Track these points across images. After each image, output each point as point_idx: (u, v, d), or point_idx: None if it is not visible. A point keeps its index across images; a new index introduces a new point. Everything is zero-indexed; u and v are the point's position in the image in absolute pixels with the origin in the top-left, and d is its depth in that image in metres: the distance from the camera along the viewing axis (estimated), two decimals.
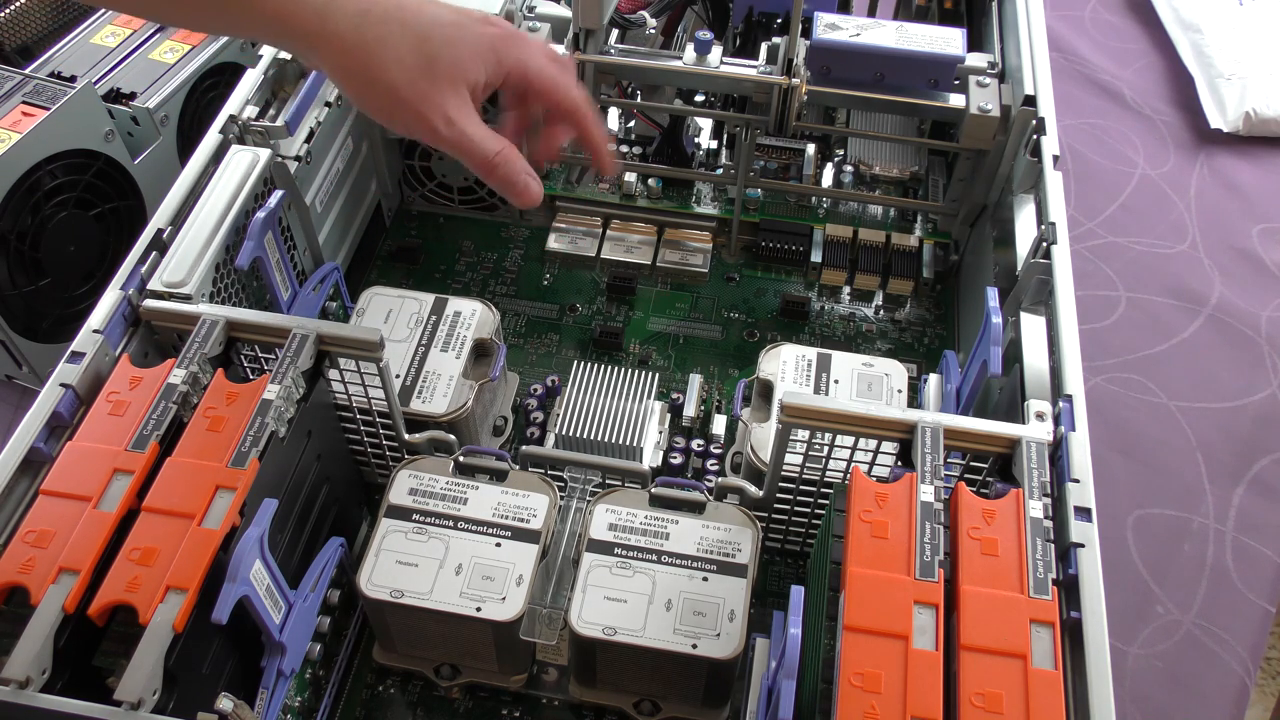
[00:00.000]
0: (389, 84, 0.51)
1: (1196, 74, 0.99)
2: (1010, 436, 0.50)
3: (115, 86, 0.76)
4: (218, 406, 0.49)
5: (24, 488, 0.49)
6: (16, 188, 0.65)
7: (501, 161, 0.54)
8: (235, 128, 0.64)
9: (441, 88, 0.52)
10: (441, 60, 0.52)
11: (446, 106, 0.52)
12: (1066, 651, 0.44)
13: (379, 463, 0.63)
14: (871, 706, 0.41)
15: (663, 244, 0.79)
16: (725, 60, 0.69)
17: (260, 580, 0.46)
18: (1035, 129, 0.64)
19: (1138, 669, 0.64)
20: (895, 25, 0.68)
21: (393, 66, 0.51)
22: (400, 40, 0.51)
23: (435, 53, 0.52)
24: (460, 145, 0.53)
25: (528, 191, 0.56)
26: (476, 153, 0.54)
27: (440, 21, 0.53)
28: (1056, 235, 0.58)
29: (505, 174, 0.55)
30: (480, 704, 0.58)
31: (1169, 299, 0.83)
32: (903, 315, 0.77)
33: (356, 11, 0.51)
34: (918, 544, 0.45)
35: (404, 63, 0.51)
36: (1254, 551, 0.69)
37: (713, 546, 0.53)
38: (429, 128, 0.52)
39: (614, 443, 0.63)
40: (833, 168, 0.82)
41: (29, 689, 0.41)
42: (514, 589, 0.52)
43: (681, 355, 0.74)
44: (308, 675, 0.54)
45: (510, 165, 0.55)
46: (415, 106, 0.52)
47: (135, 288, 0.55)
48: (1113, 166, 0.93)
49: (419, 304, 0.66)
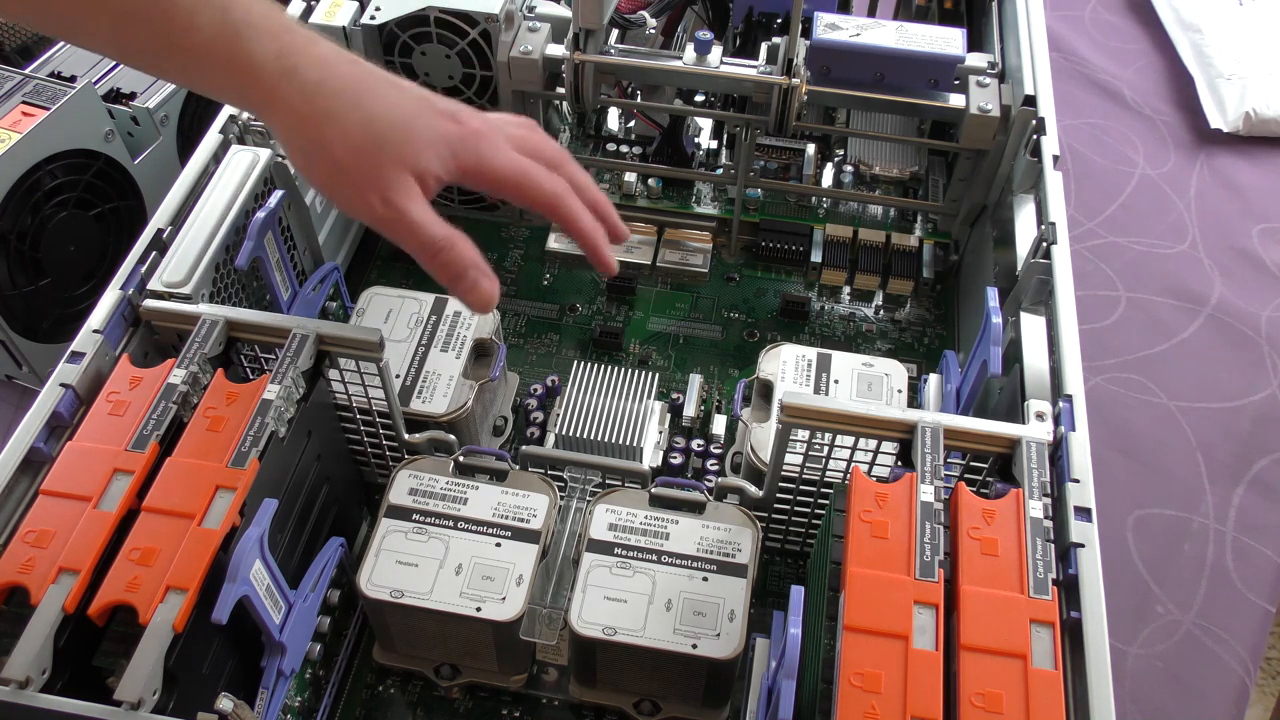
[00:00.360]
0: (331, 158, 0.49)
1: (1196, 74, 0.99)
2: (1010, 436, 0.50)
3: (115, 86, 0.76)
4: (218, 406, 0.49)
5: (24, 488, 0.49)
6: (16, 188, 0.65)
7: (446, 248, 0.50)
8: (235, 127, 0.64)
9: (383, 168, 0.49)
10: (389, 142, 0.49)
11: (387, 187, 0.49)
12: (1066, 651, 0.44)
13: (379, 463, 0.63)
14: (871, 706, 0.41)
15: (663, 244, 0.79)
16: (725, 60, 0.69)
17: (260, 580, 0.46)
18: (1035, 129, 0.64)
19: (1138, 669, 0.64)
20: (895, 25, 0.68)
21: (337, 141, 0.48)
22: (350, 115, 0.49)
23: (383, 134, 0.49)
24: (398, 226, 0.49)
25: (476, 288, 0.50)
26: (417, 237, 0.49)
27: (396, 106, 0.50)
28: (1056, 235, 0.58)
29: (449, 262, 0.50)
30: (480, 704, 0.58)
31: (1169, 299, 0.83)
32: (903, 315, 0.77)
33: (314, 82, 0.48)
34: (918, 544, 0.45)
35: (349, 138, 0.48)
36: (1254, 551, 0.69)
37: (713, 546, 0.53)
38: (365, 204, 0.49)
39: (614, 443, 0.63)
40: (833, 168, 0.82)
41: (29, 689, 0.41)
42: (514, 589, 0.52)
43: (681, 355, 0.74)
44: (308, 675, 0.54)
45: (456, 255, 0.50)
46: (354, 182, 0.49)
47: (135, 288, 0.55)
48: (1113, 166, 0.93)
49: (419, 304, 0.66)
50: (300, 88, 0.48)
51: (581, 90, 0.69)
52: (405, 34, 0.70)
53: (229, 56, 0.48)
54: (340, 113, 0.49)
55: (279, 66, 0.48)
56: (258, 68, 0.48)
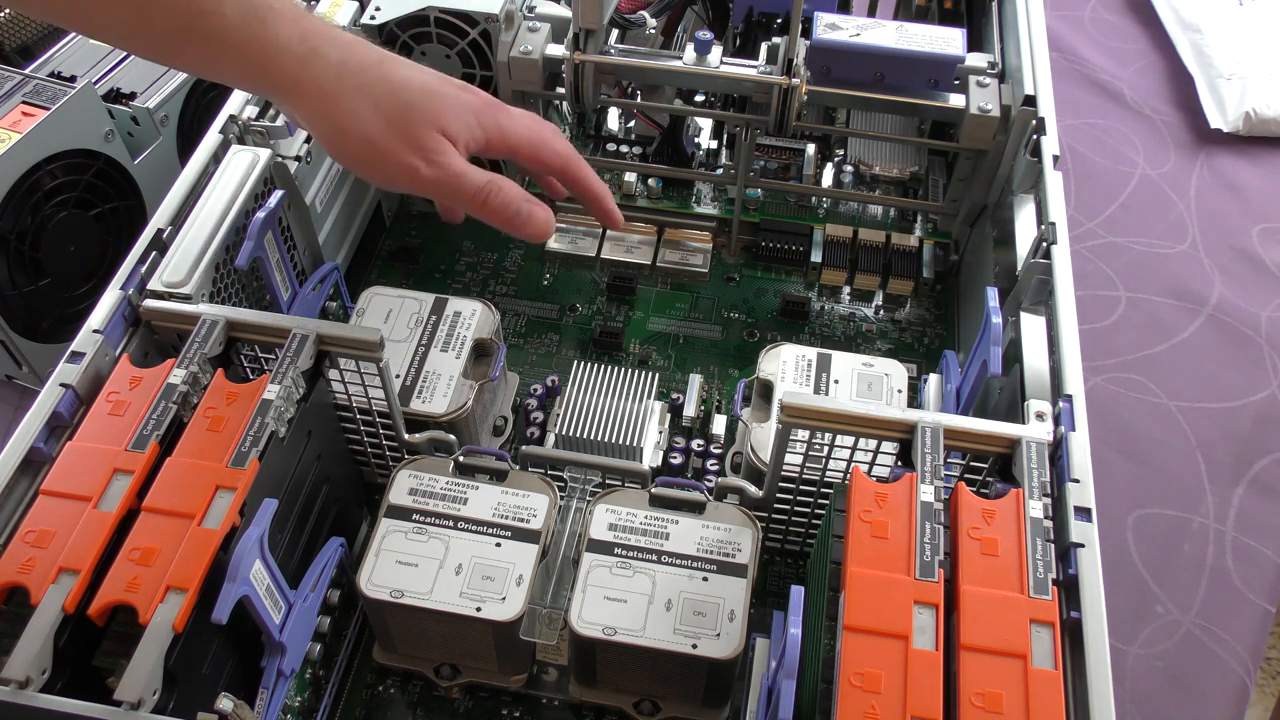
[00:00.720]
0: (364, 132, 0.50)
1: (1196, 74, 0.99)
2: (1010, 436, 0.50)
3: (115, 86, 0.76)
4: (218, 406, 0.49)
5: (24, 488, 0.49)
6: (16, 188, 0.65)
7: (494, 191, 0.52)
8: (235, 127, 0.64)
9: (418, 130, 0.51)
10: (418, 106, 0.51)
11: (426, 148, 0.51)
12: (1066, 651, 0.44)
13: (379, 463, 0.63)
14: (871, 706, 0.41)
15: (663, 244, 0.79)
16: (725, 60, 0.69)
17: (260, 580, 0.46)
18: (1035, 129, 0.64)
19: (1138, 669, 0.64)
20: (895, 25, 0.68)
21: (369, 112, 0.50)
22: (378, 86, 0.50)
23: (413, 99, 0.51)
24: (444, 182, 0.51)
25: (531, 219, 0.54)
26: (465, 187, 0.52)
27: (419, 75, 0.52)
28: (1056, 235, 0.58)
29: (500, 202, 0.53)
30: (480, 704, 0.58)
31: (1169, 299, 0.83)
32: (903, 315, 0.77)
33: (337, 61, 0.50)
34: (918, 544, 0.45)
35: (380, 107, 0.50)
36: (1254, 551, 0.69)
37: (713, 546, 0.53)
38: (409, 170, 0.51)
39: (614, 443, 0.63)
40: (833, 168, 0.82)
41: (29, 689, 0.41)
42: (514, 589, 0.52)
43: (681, 355, 0.74)
44: (308, 675, 0.54)
45: (505, 196, 0.53)
46: (393, 149, 0.50)
47: (135, 288, 0.55)
48: (1113, 166, 0.93)
49: (419, 304, 0.66)
50: (325, 67, 0.49)
51: (581, 90, 0.69)
52: (405, 34, 0.70)
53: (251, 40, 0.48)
54: (369, 85, 0.50)
55: (303, 49, 0.49)
56: (281, 51, 0.48)
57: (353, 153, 0.51)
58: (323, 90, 0.50)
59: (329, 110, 0.50)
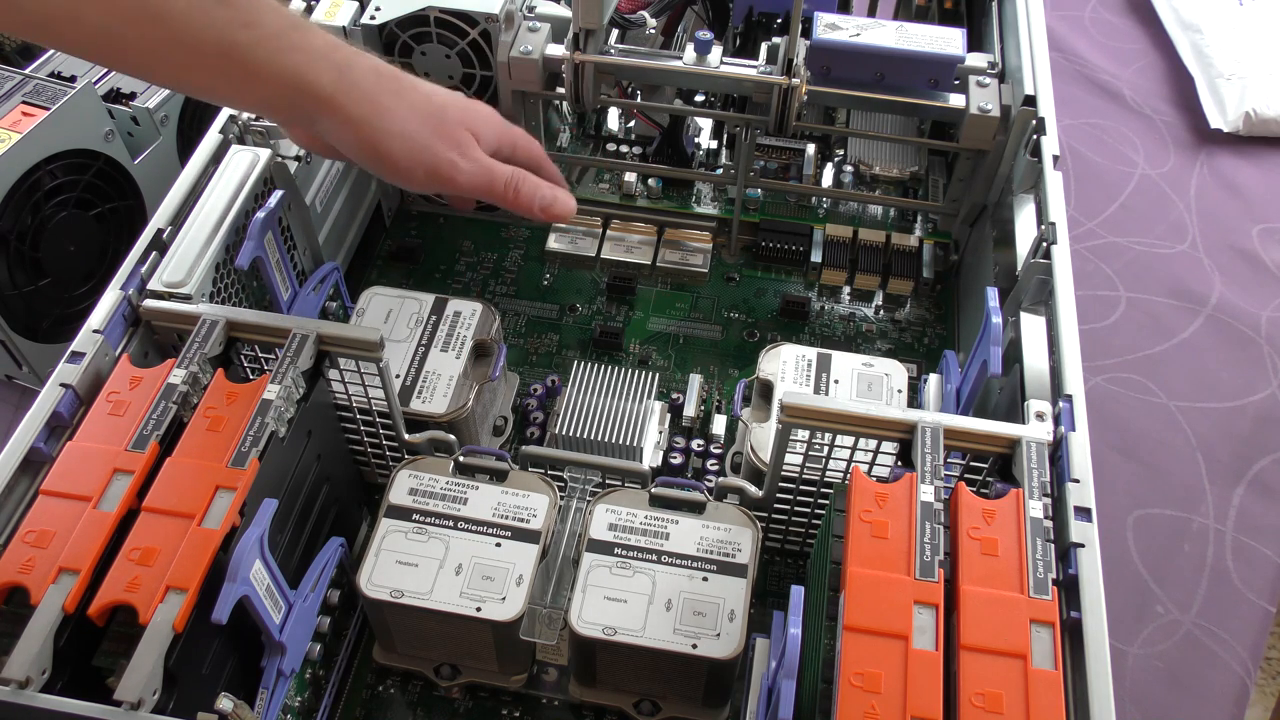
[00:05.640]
0: (407, 131, 0.53)
1: (1196, 74, 0.99)
2: (1010, 436, 0.50)
3: (115, 86, 0.76)
4: (218, 406, 0.49)
5: (24, 488, 0.49)
6: (16, 188, 0.65)
7: (520, 182, 0.57)
8: (235, 127, 0.64)
9: (453, 128, 0.55)
10: (450, 107, 0.56)
11: (461, 144, 0.55)
12: (1066, 651, 0.44)
13: (379, 463, 0.63)
14: (871, 706, 0.41)
15: (663, 244, 0.79)
16: (725, 60, 0.69)
17: (260, 580, 0.46)
18: (1035, 129, 0.64)
19: (1138, 669, 0.64)
20: (895, 25, 0.68)
21: (409, 114, 0.53)
22: (411, 93, 0.54)
23: (445, 101, 0.56)
24: (481, 175, 0.56)
25: (557, 202, 0.58)
26: (498, 178, 0.56)
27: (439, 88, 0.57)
28: (1056, 235, 0.58)
29: (529, 190, 0.57)
30: (480, 704, 0.58)
31: (1169, 299, 0.83)
32: (903, 315, 0.77)
33: (370, 68, 0.53)
34: (918, 544, 0.45)
35: (417, 110, 0.54)
36: (1254, 551, 0.69)
37: (713, 546, 0.53)
38: (450, 165, 0.55)
39: (614, 443, 0.63)
40: (833, 168, 0.82)
41: (29, 689, 0.41)
42: (514, 589, 0.52)
43: (681, 355, 0.74)
44: (308, 675, 0.54)
45: (530, 186, 0.57)
46: (433, 147, 0.54)
47: (135, 288, 0.55)
48: (1113, 166, 0.93)
49: (419, 304, 0.66)
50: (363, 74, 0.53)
51: (581, 90, 0.69)
52: (405, 34, 0.70)
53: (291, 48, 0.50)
54: (403, 91, 0.54)
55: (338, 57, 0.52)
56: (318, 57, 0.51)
57: (395, 152, 0.54)
58: (364, 93, 0.52)
59: (370, 112, 0.52)
